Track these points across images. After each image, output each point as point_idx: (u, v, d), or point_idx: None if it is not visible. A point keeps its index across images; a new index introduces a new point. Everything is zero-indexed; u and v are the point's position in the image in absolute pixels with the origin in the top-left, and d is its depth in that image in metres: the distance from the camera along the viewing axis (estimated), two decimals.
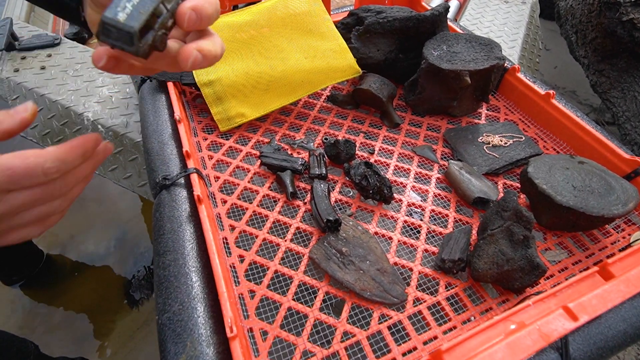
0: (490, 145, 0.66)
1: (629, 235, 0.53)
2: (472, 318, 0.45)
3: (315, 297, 0.46)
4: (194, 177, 0.53)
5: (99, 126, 0.84)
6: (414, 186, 0.61)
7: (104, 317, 1.08)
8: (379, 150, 0.67)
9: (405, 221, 0.56)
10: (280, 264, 0.50)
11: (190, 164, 0.56)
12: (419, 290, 0.47)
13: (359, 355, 0.41)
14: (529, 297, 0.46)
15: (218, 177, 0.61)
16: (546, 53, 1.99)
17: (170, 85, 0.69)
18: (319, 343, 0.42)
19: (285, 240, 0.52)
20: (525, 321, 0.32)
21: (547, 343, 0.29)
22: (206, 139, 0.67)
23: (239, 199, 0.58)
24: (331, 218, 0.51)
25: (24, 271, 1.16)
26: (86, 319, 1.09)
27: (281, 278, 0.49)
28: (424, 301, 0.46)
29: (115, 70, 0.25)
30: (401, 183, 0.61)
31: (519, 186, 0.60)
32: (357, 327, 0.44)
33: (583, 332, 0.38)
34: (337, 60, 0.72)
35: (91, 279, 1.17)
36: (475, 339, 0.31)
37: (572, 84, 1.80)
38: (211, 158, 0.64)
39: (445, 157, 0.66)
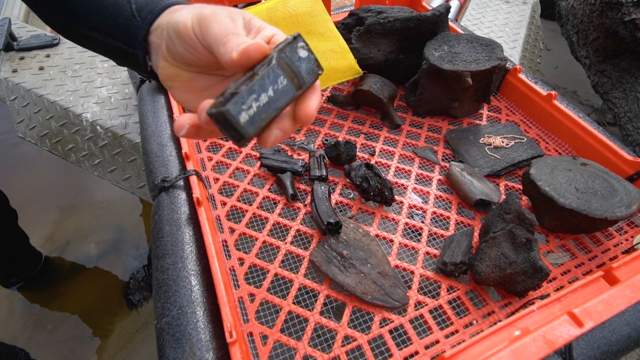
0: (492, 146, 0.65)
1: (632, 237, 0.53)
2: (474, 322, 0.44)
3: (315, 300, 0.46)
4: (193, 179, 0.53)
5: (98, 127, 0.84)
6: (415, 188, 0.60)
7: (103, 318, 1.08)
8: (380, 151, 0.66)
9: (407, 223, 0.55)
10: (280, 267, 0.49)
11: (190, 166, 0.55)
12: (420, 294, 0.47)
13: None
14: (531, 301, 0.45)
15: (217, 179, 0.60)
16: (547, 53, 1.99)
17: None
18: (319, 347, 0.42)
19: (286, 243, 0.52)
20: (529, 327, 0.32)
21: (552, 350, 0.29)
22: (205, 140, 0.67)
23: (239, 201, 0.57)
24: (332, 220, 0.51)
25: (21, 273, 1.15)
26: (84, 320, 1.08)
27: (281, 281, 0.48)
28: (426, 305, 0.46)
29: (195, 136, 0.26)
30: (402, 185, 0.61)
31: (521, 188, 0.60)
32: (358, 331, 0.43)
33: (587, 337, 0.37)
34: (338, 60, 0.72)
35: (89, 280, 1.17)
36: (479, 345, 0.31)
37: (573, 84, 1.80)
38: (210, 159, 0.63)
39: (446, 159, 0.66)
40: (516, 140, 0.66)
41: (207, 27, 0.24)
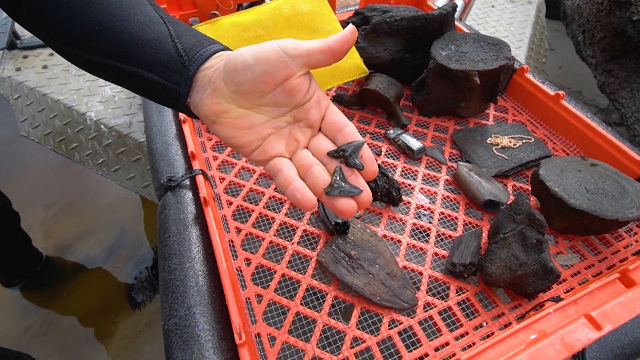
0: (499, 146, 0.65)
1: None
2: (484, 323, 0.44)
3: (323, 301, 0.46)
4: (200, 179, 0.52)
5: (102, 126, 0.83)
6: (422, 188, 0.60)
7: (106, 319, 1.07)
8: (386, 151, 0.66)
9: (414, 224, 0.55)
10: (287, 267, 0.49)
11: (196, 165, 0.55)
12: (429, 295, 0.47)
13: None
14: (542, 303, 0.45)
15: (223, 179, 0.60)
16: (551, 53, 1.98)
17: None
18: (328, 349, 0.41)
19: (292, 243, 0.52)
20: (546, 330, 0.31)
21: (570, 353, 0.28)
22: (211, 139, 0.66)
23: (245, 200, 0.57)
24: (339, 221, 0.50)
25: (24, 274, 1.15)
26: (87, 320, 1.08)
27: (288, 282, 0.48)
28: (435, 306, 0.45)
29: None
30: (409, 185, 0.60)
31: (529, 188, 0.59)
32: (367, 332, 0.43)
33: (599, 339, 0.37)
34: (344, 60, 0.71)
35: (92, 280, 1.17)
36: (495, 348, 0.30)
37: (577, 84, 1.79)
38: (216, 159, 0.63)
39: (453, 159, 0.65)
40: (524, 141, 0.65)
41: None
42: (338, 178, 0.29)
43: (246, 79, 0.29)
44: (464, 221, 0.55)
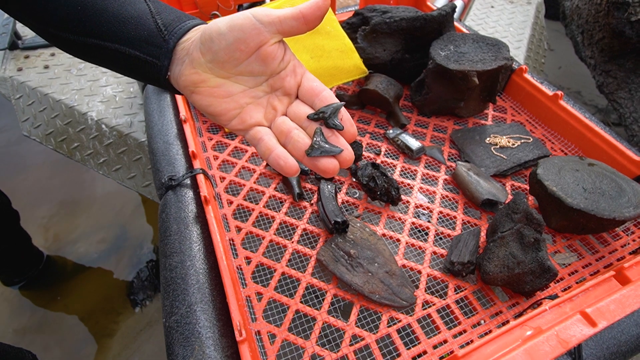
0: (498, 146, 0.65)
1: (639, 238, 0.53)
2: (482, 321, 0.44)
3: (323, 299, 0.46)
4: (201, 178, 0.53)
5: (103, 126, 0.84)
6: (421, 187, 0.60)
7: (107, 318, 1.08)
8: (386, 151, 0.66)
9: (413, 223, 0.55)
10: (287, 265, 0.49)
11: (197, 164, 0.55)
12: (427, 293, 0.47)
13: (369, 359, 0.41)
14: (539, 301, 0.45)
15: (224, 178, 0.60)
16: (550, 53, 1.98)
17: None
18: (327, 346, 0.42)
19: (292, 242, 0.52)
20: (541, 326, 0.32)
21: (565, 349, 0.29)
22: (211, 139, 0.67)
23: (245, 199, 0.57)
24: (339, 219, 0.51)
25: (24, 273, 1.16)
26: (88, 320, 1.08)
27: (288, 280, 0.48)
28: (433, 304, 0.46)
29: None
30: (408, 184, 0.61)
31: (527, 188, 0.59)
32: (366, 330, 0.43)
33: (596, 337, 0.37)
34: (344, 60, 0.71)
35: (93, 280, 1.17)
36: (491, 345, 0.31)
37: (576, 84, 1.80)
38: (216, 158, 0.63)
39: (452, 158, 0.66)
40: (522, 140, 0.66)
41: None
42: (318, 139, 0.29)
43: (221, 47, 0.29)
44: (463, 220, 0.56)
